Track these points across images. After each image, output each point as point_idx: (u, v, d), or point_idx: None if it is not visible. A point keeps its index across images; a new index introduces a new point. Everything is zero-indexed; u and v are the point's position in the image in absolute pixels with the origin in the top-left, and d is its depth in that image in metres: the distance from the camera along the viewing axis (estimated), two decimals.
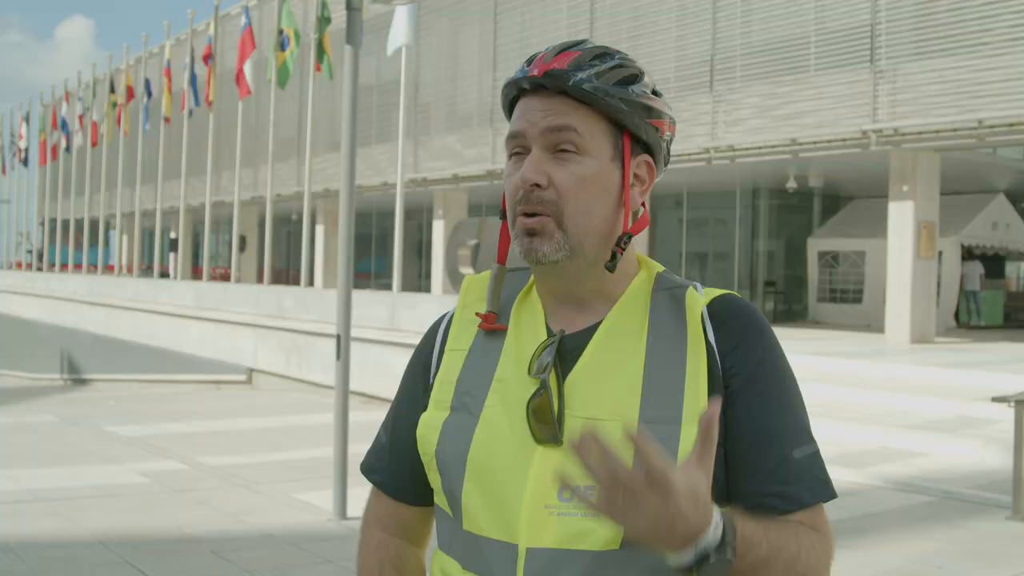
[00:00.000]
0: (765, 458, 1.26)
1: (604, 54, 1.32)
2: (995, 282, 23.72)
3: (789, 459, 1.26)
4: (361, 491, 6.57)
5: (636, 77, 1.32)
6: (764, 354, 1.30)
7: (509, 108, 1.39)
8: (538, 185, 1.29)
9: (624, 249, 1.32)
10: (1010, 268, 25.86)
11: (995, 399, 7.22)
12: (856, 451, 8.80)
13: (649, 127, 1.33)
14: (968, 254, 21.76)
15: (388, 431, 1.49)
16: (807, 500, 1.26)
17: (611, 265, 1.31)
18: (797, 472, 1.26)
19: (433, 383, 1.40)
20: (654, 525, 1.07)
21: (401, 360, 13.92)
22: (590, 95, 1.28)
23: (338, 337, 7.08)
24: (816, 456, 1.29)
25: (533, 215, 1.30)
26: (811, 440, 1.30)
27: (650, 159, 1.36)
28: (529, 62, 1.34)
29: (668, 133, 1.37)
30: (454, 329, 1.42)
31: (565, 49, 1.32)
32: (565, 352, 1.31)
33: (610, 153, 1.31)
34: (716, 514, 1.12)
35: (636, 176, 1.35)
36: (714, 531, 1.11)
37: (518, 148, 1.33)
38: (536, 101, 1.32)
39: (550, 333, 1.33)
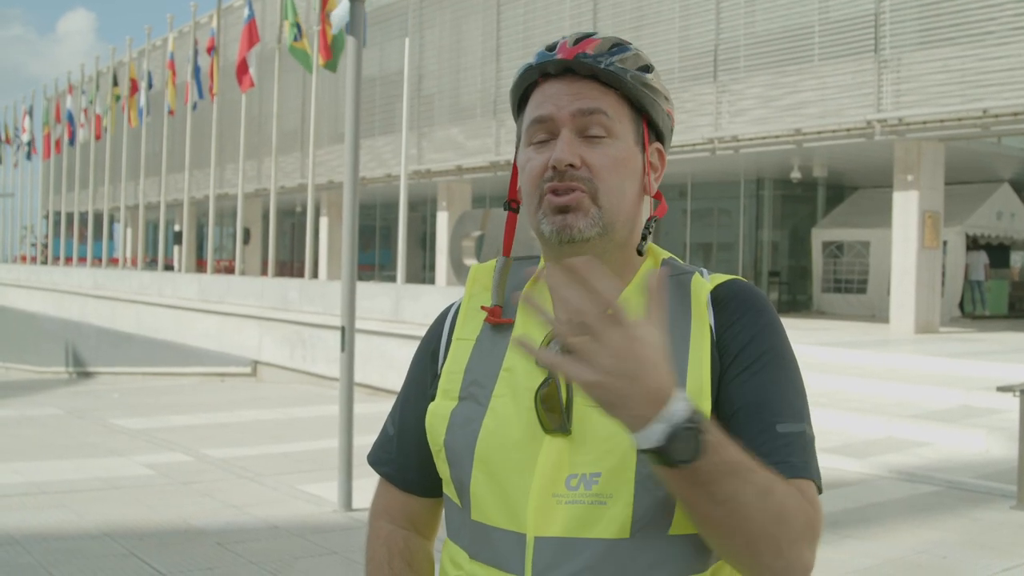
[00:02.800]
0: (747, 429, 1.22)
1: (621, 44, 1.34)
2: (1000, 272, 23.67)
3: (770, 431, 1.22)
4: (366, 483, 6.52)
5: (649, 68, 1.35)
6: (760, 332, 1.29)
7: (522, 95, 1.38)
8: (572, 165, 1.29)
9: (651, 233, 1.35)
10: (1015, 258, 25.78)
11: (1000, 388, 7.21)
12: (860, 441, 8.80)
13: (665, 114, 1.37)
14: (973, 244, 21.72)
15: (395, 422, 1.49)
16: (783, 474, 1.17)
17: (642, 246, 1.34)
18: (778, 446, 1.21)
19: (441, 373, 1.40)
20: (619, 363, 1.02)
21: (405, 352, 14.01)
22: (620, 79, 1.30)
23: (343, 329, 7.08)
24: (802, 436, 1.23)
25: (566, 192, 1.29)
26: (801, 421, 1.24)
27: (661, 147, 1.39)
28: (551, 48, 1.33)
29: (673, 122, 1.41)
30: (461, 318, 1.42)
31: (585, 37, 1.33)
32: None
33: (634, 138, 1.34)
34: (682, 390, 1.08)
35: (650, 163, 1.37)
36: (683, 402, 1.05)
37: (544, 133, 1.33)
38: (563, 85, 1.32)
39: None
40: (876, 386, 10.68)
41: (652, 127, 1.36)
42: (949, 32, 14.89)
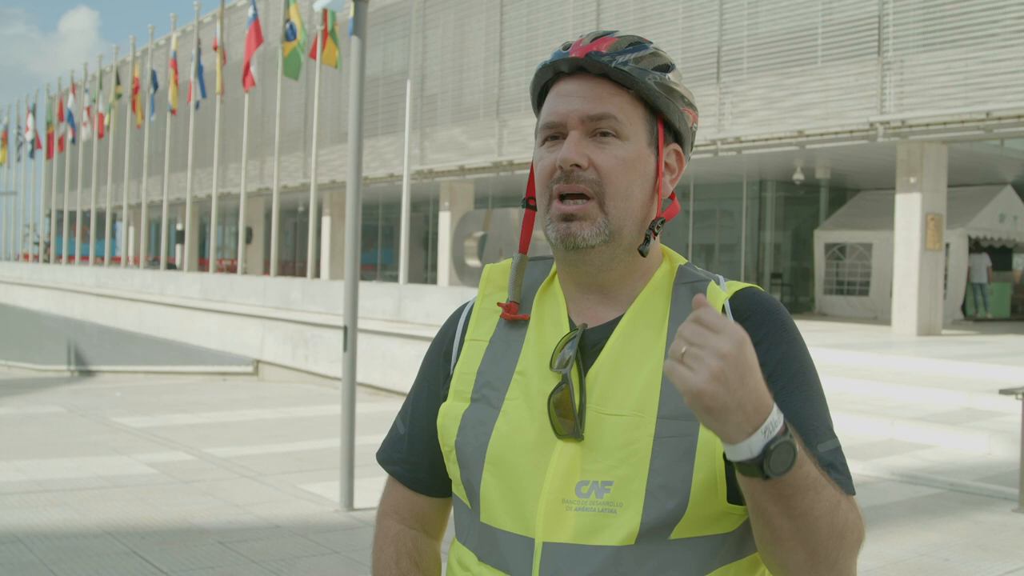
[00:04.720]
0: None
1: (639, 42, 1.33)
2: (1002, 274, 23.66)
3: (815, 455, 1.23)
4: (368, 482, 6.51)
5: (669, 67, 1.33)
6: (788, 348, 1.29)
7: (540, 93, 1.38)
8: (578, 166, 1.28)
9: (657, 234, 1.33)
10: (1017, 260, 25.79)
11: (1002, 391, 7.20)
12: (863, 443, 8.79)
13: (683, 115, 1.34)
14: (975, 246, 21.70)
15: (406, 421, 1.48)
16: None
17: (644, 248, 1.30)
18: (823, 466, 1.22)
19: (453, 373, 1.39)
20: (725, 364, 1.03)
21: (407, 351, 13.97)
22: (632, 78, 1.29)
23: (345, 329, 7.08)
24: (839, 451, 1.27)
25: (574, 198, 1.29)
26: (834, 435, 1.28)
27: (679, 148, 1.37)
28: (567, 47, 1.33)
29: (695, 124, 1.38)
30: (475, 318, 1.41)
31: (602, 35, 1.32)
32: (587, 346, 1.30)
33: (646, 139, 1.32)
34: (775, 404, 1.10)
35: (667, 164, 1.36)
36: (778, 415, 1.08)
37: (554, 134, 1.33)
38: (574, 85, 1.31)
39: (572, 326, 1.33)
40: (878, 388, 10.67)
41: (668, 128, 1.35)
42: (952, 34, 14.88)
